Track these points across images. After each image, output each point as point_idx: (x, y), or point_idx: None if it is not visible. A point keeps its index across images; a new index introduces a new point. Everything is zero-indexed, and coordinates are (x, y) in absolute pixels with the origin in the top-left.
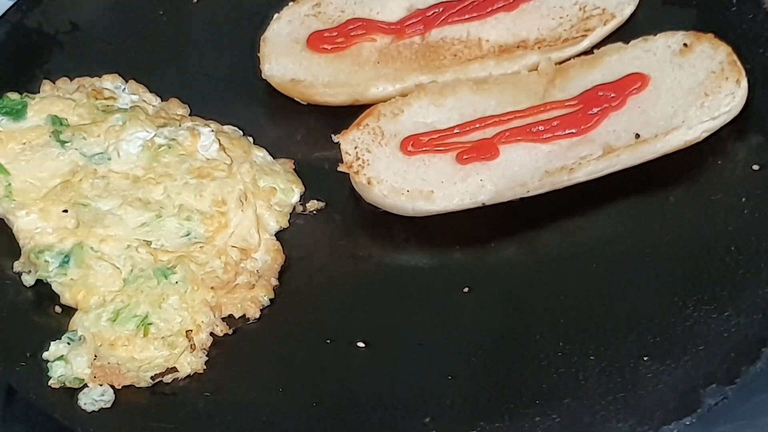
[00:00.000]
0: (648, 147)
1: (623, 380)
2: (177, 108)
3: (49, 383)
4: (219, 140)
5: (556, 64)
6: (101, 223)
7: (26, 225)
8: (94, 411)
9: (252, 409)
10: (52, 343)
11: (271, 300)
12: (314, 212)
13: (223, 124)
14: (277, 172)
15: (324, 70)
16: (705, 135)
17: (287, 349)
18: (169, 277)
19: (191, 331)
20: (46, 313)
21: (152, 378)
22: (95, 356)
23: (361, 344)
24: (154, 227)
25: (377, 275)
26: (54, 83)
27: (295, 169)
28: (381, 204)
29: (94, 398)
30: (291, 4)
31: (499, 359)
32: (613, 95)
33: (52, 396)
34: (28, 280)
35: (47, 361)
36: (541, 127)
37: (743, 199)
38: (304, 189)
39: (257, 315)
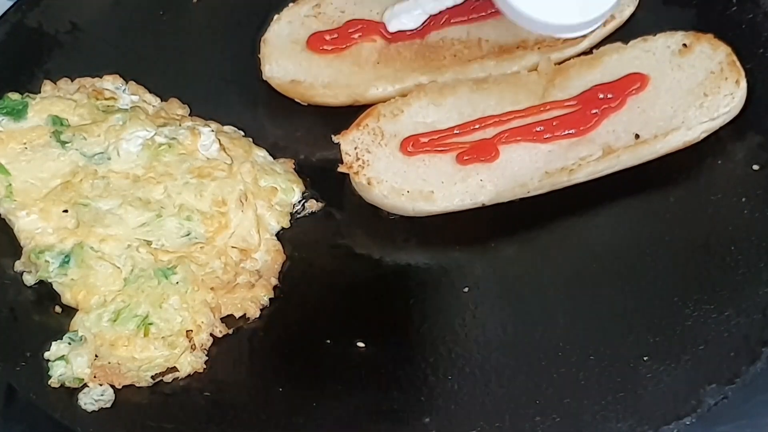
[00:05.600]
0: (648, 147)
1: (623, 380)
2: (177, 108)
3: (49, 382)
4: (219, 140)
5: (555, 64)
6: (101, 223)
7: (27, 225)
8: (94, 411)
9: (252, 409)
10: (53, 343)
11: (271, 300)
12: (314, 212)
13: (223, 125)
14: (278, 173)
15: (324, 71)
16: (704, 135)
17: (287, 349)
18: (170, 277)
19: (191, 331)
20: (46, 313)
21: (152, 378)
22: (96, 356)
23: (361, 344)
24: (155, 227)
25: (377, 275)
26: (55, 83)
27: (295, 169)
28: (381, 204)
29: (94, 398)
30: (291, 5)
31: (499, 359)
32: (612, 95)
33: (52, 396)
34: (29, 279)
35: (48, 360)
36: (540, 128)
37: (743, 199)
38: (304, 189)
39: (257, 315)
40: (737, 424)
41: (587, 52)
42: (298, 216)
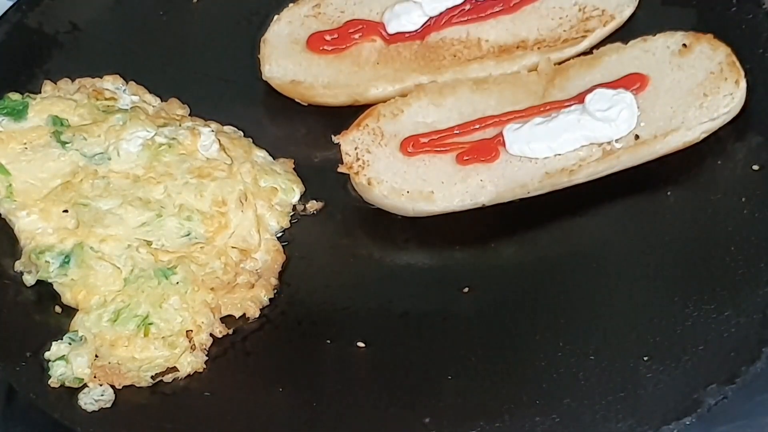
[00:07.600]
0: (647, 148)
1: (623, 380)
2: (177, 108)
3: (49, 382)
4: (219, 140)
5: (555, 64)
6: (101, 223)
7: (27, 225)
8: (94, 411)
9: (252, 409)
10: (53, 343)
11: (271, 300)
12: (314, 212)
13: (223, 125)
14: (278, 173)
15: (324, 71)
16: (704, 136)
17: (287, 349)
18: (170, 277)
19: (191, 331)
20: (46, 312)
21: (152, 378)
22: (96, 356)
23: (361, 344)
24: (155, 227)
25: (377, 275)
26: (55, 84)
27: (295, 169)
28: (381, 204)
29: (95, 398)
30: (291, 5)
31: (499, 359)
32: None
33: (52, 396)
34: (29, 280)
35: (48, 360)
36: None
37: (743, 199)
38: (304, 189)
39: (257, 315)
40: (737, 424)
41: (587, 52)
42: (299, 216)
